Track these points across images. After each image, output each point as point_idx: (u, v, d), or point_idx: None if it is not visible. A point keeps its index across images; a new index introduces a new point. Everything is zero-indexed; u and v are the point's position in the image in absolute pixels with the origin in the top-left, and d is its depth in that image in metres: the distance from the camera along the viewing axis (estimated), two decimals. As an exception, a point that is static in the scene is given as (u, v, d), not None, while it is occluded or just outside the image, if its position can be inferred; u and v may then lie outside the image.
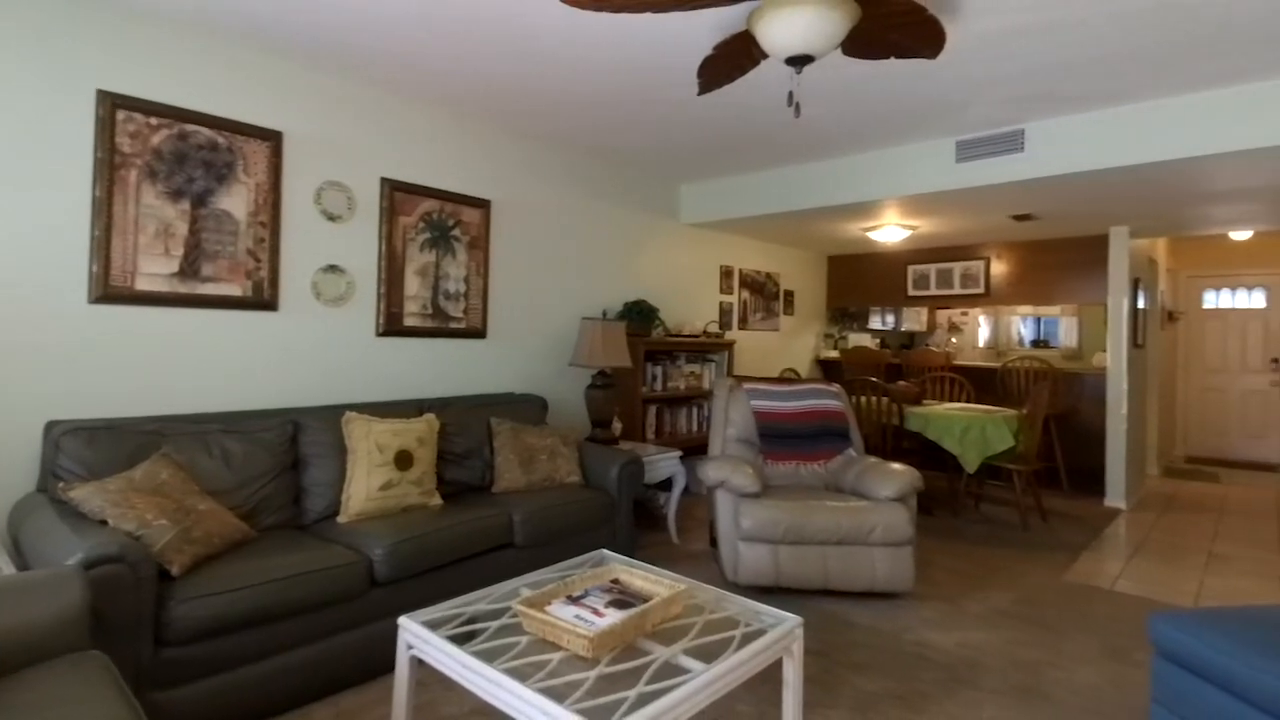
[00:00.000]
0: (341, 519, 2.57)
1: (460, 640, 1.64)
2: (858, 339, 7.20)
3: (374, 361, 3.33)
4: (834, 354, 7.19)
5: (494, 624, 1.73)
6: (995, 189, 3.97)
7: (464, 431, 3.17)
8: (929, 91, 3.23)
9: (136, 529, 1.93)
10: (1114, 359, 5.20)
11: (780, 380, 3.90)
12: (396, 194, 3.40)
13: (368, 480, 2.60)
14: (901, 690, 2.28)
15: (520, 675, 1.46)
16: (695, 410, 5.04)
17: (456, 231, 3.69)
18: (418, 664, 1.74)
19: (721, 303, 5.91)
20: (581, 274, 4.48)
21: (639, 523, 4.28)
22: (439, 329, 3.60)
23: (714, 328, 5.59)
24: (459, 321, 3.70)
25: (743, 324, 6.20)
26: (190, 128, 2.71)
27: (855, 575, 3.05)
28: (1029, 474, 4.58)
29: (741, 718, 2.08)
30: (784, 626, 1.81)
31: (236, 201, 2.84)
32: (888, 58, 2.48)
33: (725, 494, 3.23)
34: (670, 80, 3.12)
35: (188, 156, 2.71)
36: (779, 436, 3.66)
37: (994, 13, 2.46)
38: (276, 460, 2.61)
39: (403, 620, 1.71)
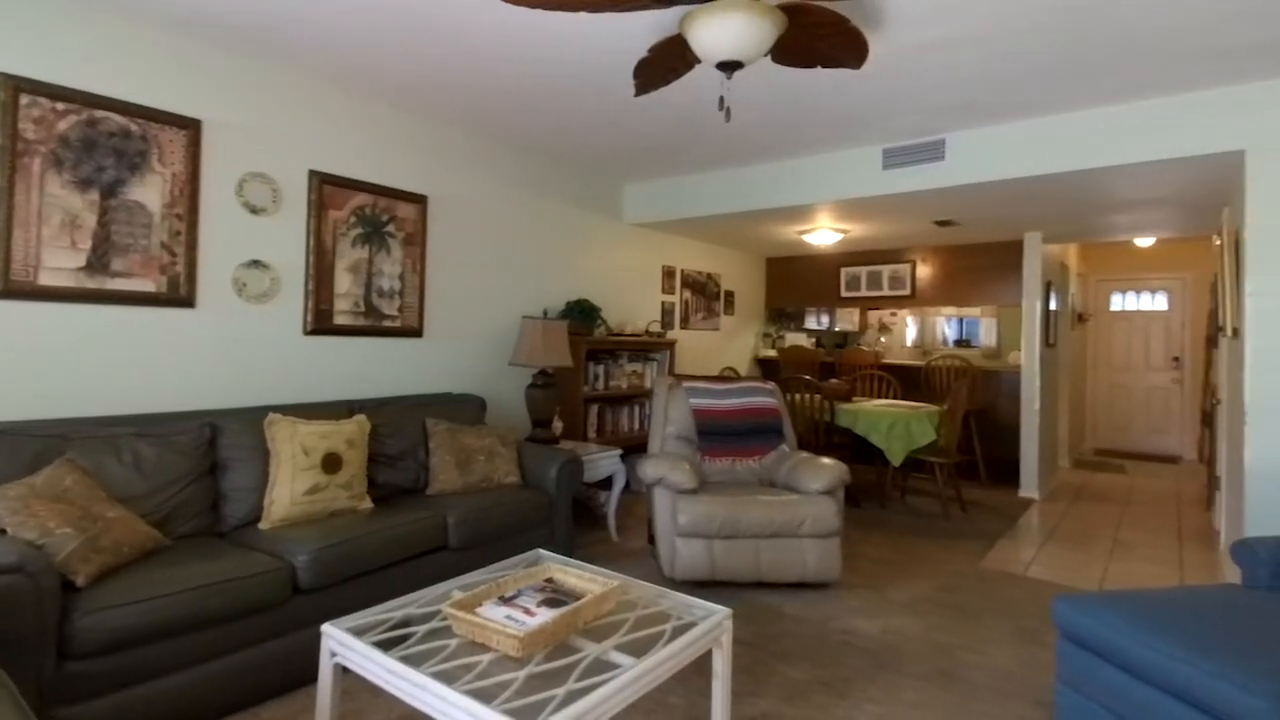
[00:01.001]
0: (263, 525, 2.48)
1: (387, 646, 1.62)
2: (794, 338, 7.40)
3: (301, 361, 3.22)
4: (772, 353, 7.36)
5: (423, 628, 1.71)
6: (919, 195, 4.15)
7: (398, 433, 3.10)
8: (857, 100, 3.35)
9: (38, 538, 1.82)
10: (1027, 358, 5.51)
11: (719, 379, 3.98)
12: (326, 187, 3.29)
13: (292, 485, 2.52)
14: (827, 677, 2.37)
15: (448, 678, 1.45)
16: (637, 409, 5.08)
17: (391, 227, 3.60)
18: (342, 672, 1.71)
19: (664, 302, 5.97)
20: (523, 272, 4.45)
21: (580, 522, 4.28)
22: (372, 327, 3.51)
23: (656, 327, 5.64)
24: (394, 320, 3.61)
25: (684, 323, 6.28)
26: (100, 114, 2.56)
27: (786, 567, 3.14)
28: (950, 466, 4.82)
29: (674, 710, 2.12)
30: (713, 619, 1.85)
31: (150, 192, 2.70)
32: (815, 67, 2.56)
33: (663, 491, 3.27)
34: (611, 80, 3.14)
35: (97, 144, 2.56)
36: (717, 434, 3.74)
37: (913, 27, 2.57)
38: (193, 465, 2.50)
39: (326, 627, 1.67)
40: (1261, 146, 2.96)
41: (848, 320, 7.29)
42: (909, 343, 6.96)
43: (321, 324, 3.28)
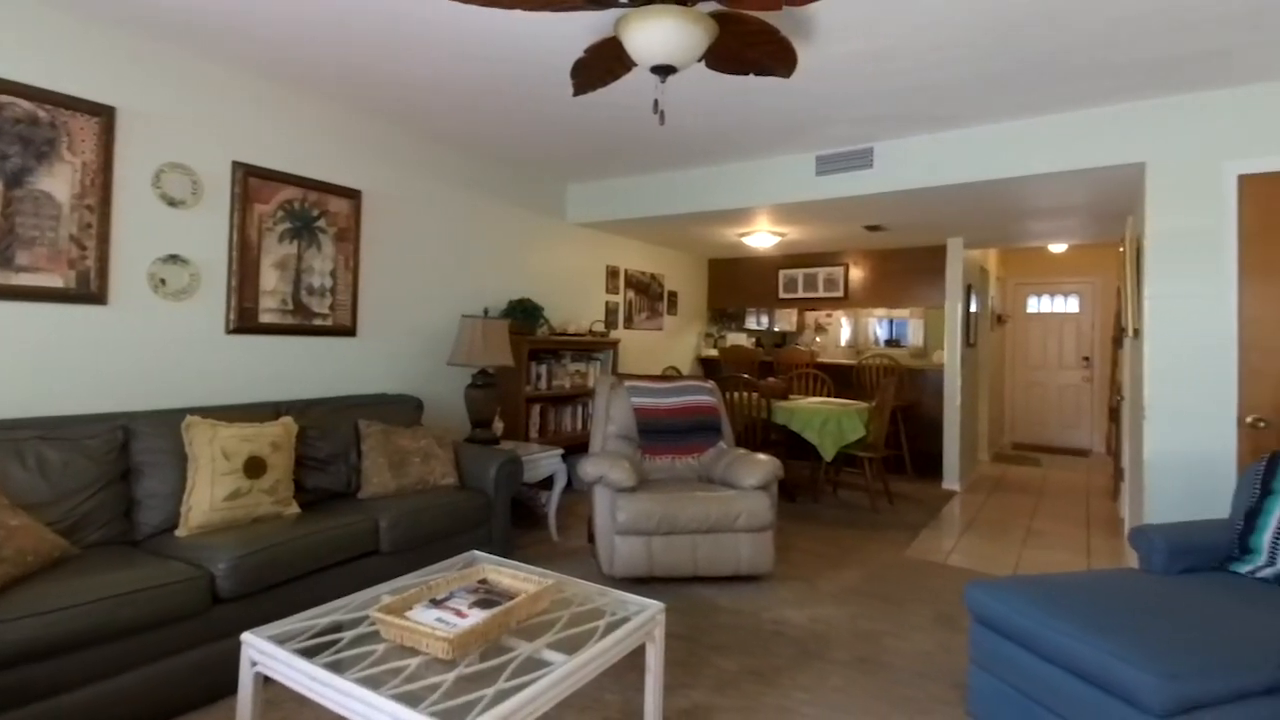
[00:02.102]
0: (180, 533, 2.37)
1: (312, 653, 1.58)
2: (735, 338, 7.55)
3: (223, 361, 3.09)
4: (714, 352, 7.49)
5: (350, 634, 1.68)
6: (849, 201, 4.30)
7: (328, 435, 3.02)
8: (791, 108, 3.45)
9: (-78, 553, 1.70)
10: (949, 357, 5.80)
11: (660, 378, 4.03)
12: (251, 179, 3.17)
13: (211, 490, 2.42)
14: (758, 666, 2.45)
15: (374, 683, 1.43)
16: (580, 408, 5.08)
17: (322, 222, 3.50)
18: (265, 681, 1.66)
19: (608, 302, 5.99)
20: (463, 271, 4.39)
21: (520, 522, 4.26)
22: (301, 326, 3.40)
23: (600, 327, 5.66)
24: (325, 318, 3.51)
25: (628, 323, 6.31)
26: (4, 99, 2.40)
27: (722, 561, 3.22)
28: (878, 461, 5.02)
29: (608, 706, 2.14)
30: (646, 613, 1.89)
31: (59, 183, 2.54)
32: (747, 74, 2.63)
33: (603, 489, 3.30)
34: (552, 79, 3.13)
35: (1, 131, 2.40)
36: (657, 432, 3.78)
37: (842, 39, 2.67)
38: (103, 470, 2.37)
39: (246, 636, 1.62)
40: (1160, 159, 3.19)
41: (786, 321, 7.48)
42: (843, 342, 7.19)
43: (246, 322, 3.15)
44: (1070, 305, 8.05)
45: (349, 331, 3.62)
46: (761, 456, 3.48)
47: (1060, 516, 4.87)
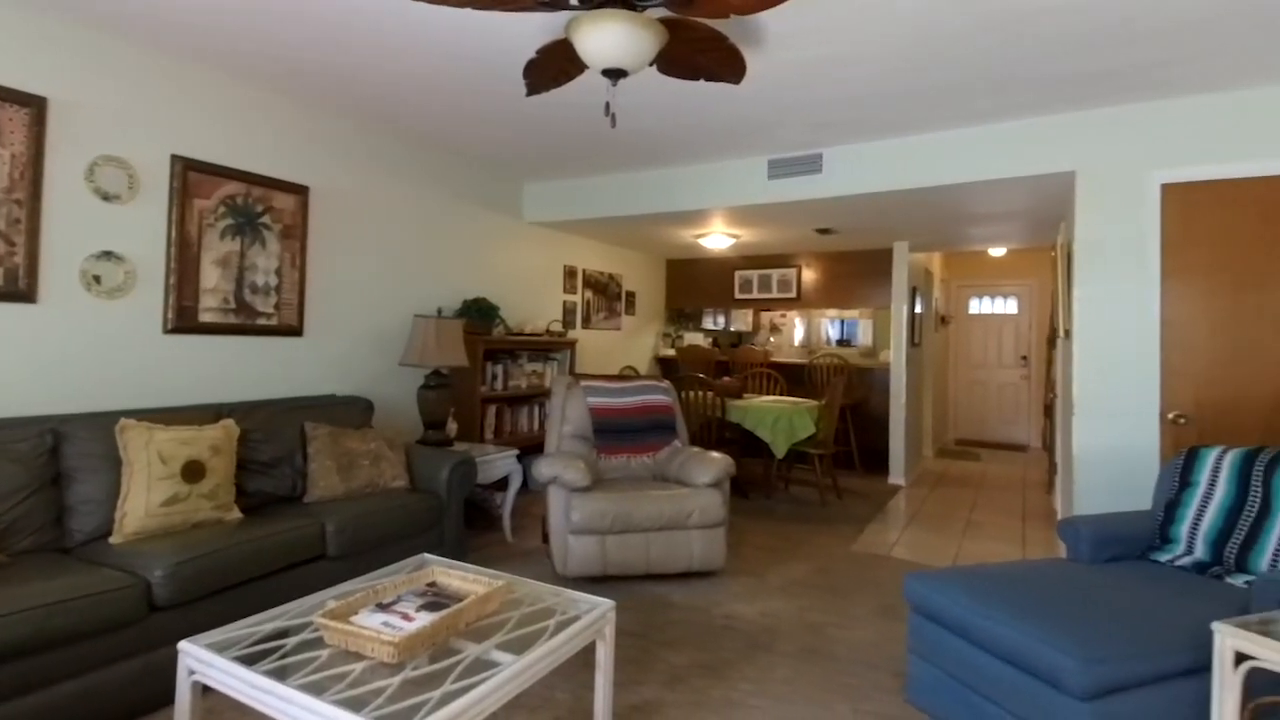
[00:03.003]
0: (115, 539, 2.29)
1: (252, 660, 1.55)
2: (692, 338, 7.63)
3: (161, 362, 2.99)
4: (671, 352, 7.55)
5: (293, 640, 1.66)
6: (800, 204, 4.41)
7: (272, 438, 2.95)
8: (743, 113, 3.51)
9: None
10: (895, 356, 5.99)
11: (616, 378, 4.05)
12: (191, 174, 3.07)
13: (148, 495, 2.34)
14: (708, 660, 2.50)
15: (317, 689, 1.42)
16: (537, 409, 5.07)
17: (266, 219, 3.41)
18: (204, 691, 1.63)
19: (566, 302, 5.98)
20: (416, 270, 4.33)
21: (475, 524, 4.23)
22: (244, 325, 3.31)
23: (557, 326, 5.65)
24: (269, 317, 3.42)
25: (586, 323, 6.32)
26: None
27: (675, 558, 3.26)
28: (828, 457, 5.15)
29: (559, 705, 2.16)
30: (596, 611, 1.91)
31: (-21, 175, 2.43)
32: (698, 79, 2.67)
33: (557, 489, 3.30)
34: (506, 77, 3.12)
35: (-88, 120, 2.28)
36: (613, 431, 3.81)
37: (790, 47, 2.74)
38: (32, 475, 2.27)
39: (183, 645, 1.58)
40: (1089, 168, 3.36)
41: (743, 321, 7.60)
42: (797, 342, 7.35)
43: (185, 321, 3.05)
44: (1009, 307, 8.39)
45: (295, 331, 3.54)
46: (715, 454, 3.54)
47: (998, 509, 5.08)
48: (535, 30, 2.65)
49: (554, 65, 2.62)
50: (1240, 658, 1.62)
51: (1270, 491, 2.29)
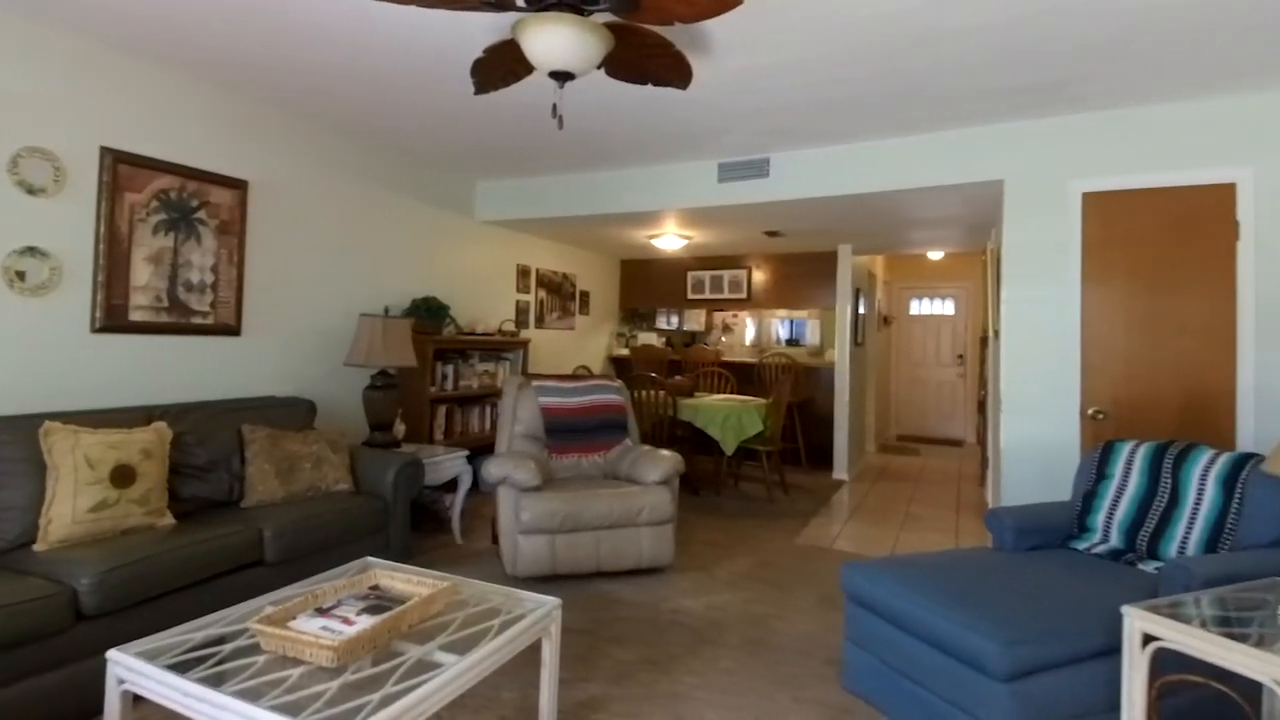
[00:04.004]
0: (39, 547, 2.19)
1: (185, 668, 1.52)
2: (646, 338, 7.69)
3: (88, 362, 2.87)
4: (625, 352, 7.59)
5: (228, 647, 1.63)
6: (748, 207, 4.50)
7: (207, 441, 2.86)
8: (693, 117, 3.57)
9: None
10: (839, 355, 6.18)
11: (568, 377, 4.06)
12: (122, 167, 2.95)
13: (74, 501, 2.25)
14: (655, 655, 2.55)
15: (253, 695, 1.40)
16: (489, 409, 5.03)
17: (202, 214, 3.30)
18: (134, 700, 1.58)
19: (519, 301, 5.95)
20: (363, 268, 4.24)
21: (424, 526, 4.18)
22: (178, 324, 3.19)
23: (510, 326, 5.61)
24: (205, 316, 3.31)
25: (540, 323, 6.30)
26: None
27: (624, 555, 3.30)
28: (775, 454, 5.28)
29: (505, 704, 2.17)
30: (541, 610, 1.93)
31: (-120, 165, 2.29)
32: (646, 84, 2.71)
33: (507, 490, 3.30)
34: (454, 75, 3.09)
35: None
36: (564, 431, 3.82)
37: (736, 55, 2.80)
38: (-56, 483, 2.16)
39: (112, 653, 1.54)
40: (1016, 177, 3.54)
41: (696, 321, 7.70)
42: (748, 341, 7.49)
43: (114, 320, 2.94)
44: (947, 308, 8.74)
45: (233, 330, 3.44)
46: (665, 452, 3.59)
47: (934, 502, 5.30)
48: (483, 29, 2.65)
49: (502, 65, 2.62)
50: (1148, 639, 1.75)
51: (1179, 483, 2.47)
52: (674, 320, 7.83)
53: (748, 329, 7.55)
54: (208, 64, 3.05)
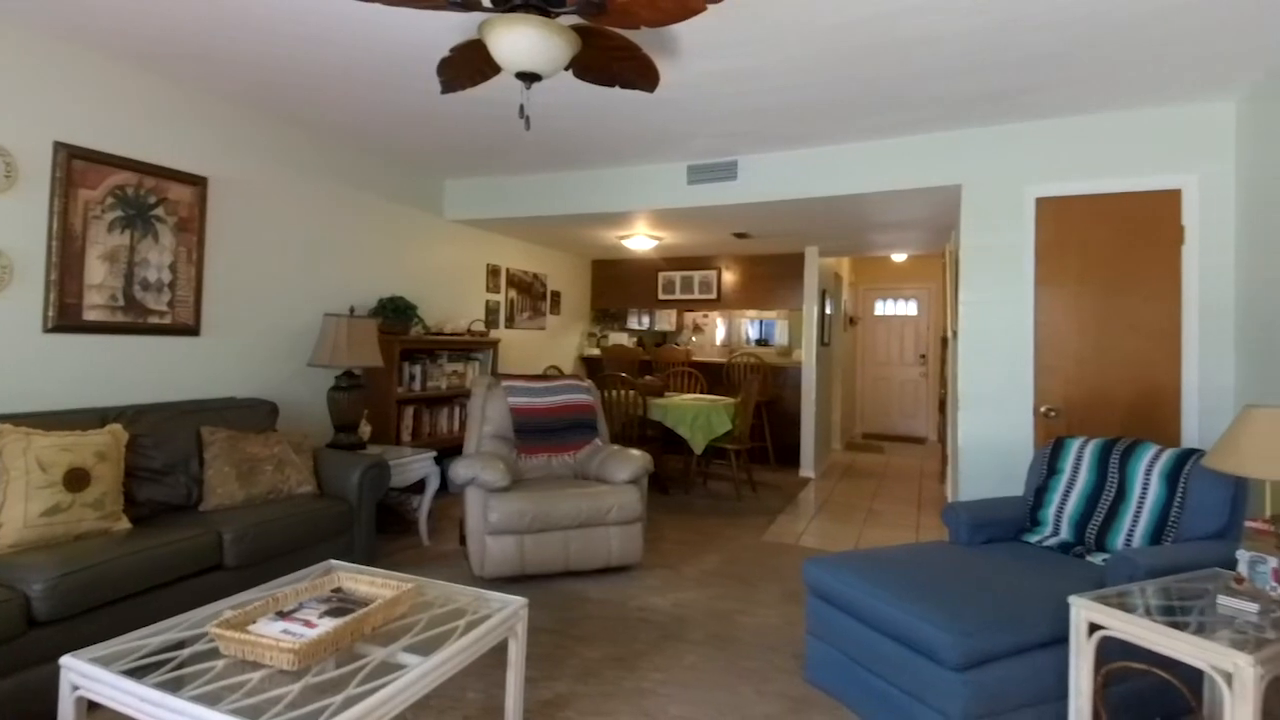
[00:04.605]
0: (-13, 554, 2.13)
1: (142, 673, 1.50)
2: (617, 338, 7.71)
3: (40, 363, 2.78)
4: (596, 352, 7.60)
5: (185, 652, 1.61)
6: (717, 209, 4.55)
7: (165, 443, 2.80)
8: (662, 119, 3.60)
9: None
10: (806, 355, 6.28)
11: (538, 377, 4.06)
12: (76, 162, 2.88)
13: (25, 505, 2.19)
14: (621, 653, 2.57)
15: (211, 700, 1.39)
16: (458, 409, 5.00)
17: (160, 210, 3.22)
18: (89, 707, 1.55)
19: (489, 301, 5.92)
20: (327, 267, 4.18)
21: (390, 528, 4.14)
22: (135, 324, 3.12)
23: (479, 326, 5.58)
24: (163, 315, 3.24)
25: (510, 323, 6.27)
26: None
27: (593, 554, 3.32)
28: (744, 452, 5.34)
29: (470, 705, 2.18)
30: (508, 609, 1.93)
31: None
32: (614, 86, 2.73)
33: (475, 490, 3.29)
34: (422, 73, 3.07)
35: None
36: (534, 431, 3.82)
37: (703, 58, 2.84)
38: (-117, 489, 2.08)
39: (66, 659, 1.51)
40: (973, 182, 3.64)
41: (667, 321, 7.74)
42: (719, 341, 7.56)
43: (67, 320, 2.86)
44: (910, 309, 8.93)
45: (191, 330, 3.37)
46: (634, 452, 3.61)
47: (897, 498, 5.42)
48: (447, 29, 2.64)
49: (470, 64, 2.61)
50: (1093, 628, 1.83)
51: (1125, 478, 2.58)
52: (645, 320, 7.86)
53: (718, 329, 7.62)
54: (165, 57, 2.99)
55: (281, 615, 1.71)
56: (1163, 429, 3.21)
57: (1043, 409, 3.43)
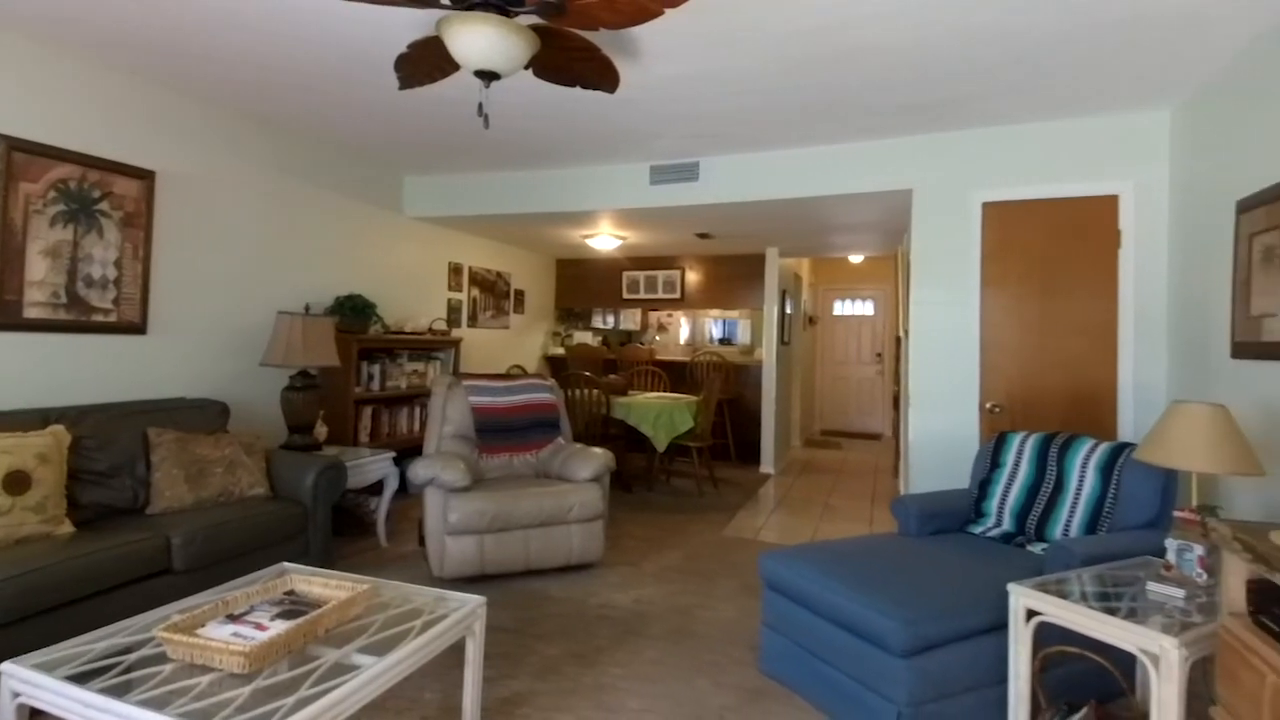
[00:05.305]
0: (-82, 561, 2.05)
1: (86, 679, 1.46)
2: (582, 337, 7.71)
3: (-26, 363, 2.68)
4: (561, 351, 7.59)
5: (132, 656, 1.57)
6: (680, 209, 4.60)
7: (110, 445, 2.72)
8: (624, 120, 3.62)
9: None
10: (767, 354, 6.39)
11: (500, 376, 4.04)
12: (17, 154, 2.78)
13: (-41, 510, 2.11)
14: (581, 649, 2.59)
15: (159, 704, 1.37)
16: (419, 409, 4.95)
17: (105, 205, 3.12)
18: (30, 714, 1.51)
19: (450, 300, 5.86)
20: (282, 264, 4.10)
21: (347, 531, 4.07)
22: (78, 322, 3.02)
23: (441, 325, 5.52)
24: (108, 314, 3.14)
25: (473, 322, 6.22)
26: None
27: (554, 552, 3.33)
28: (706, 449, 5.41)
29: (427, 705, 2.17)
30: (465, 608, 1.94)
31: None
32: (575, 86, 2.74)
33: (435, 491, 3.27)
34: (380, 68, 3.03)
35: None
36: (495, 430, 3.80)
37: (664, 62, 2.87)
38: None
39: (6, 666, 1.47)
40: (923, 186, 3.76)
41: (632, 320, 7.77)
42: (683, 341, 7.63)
43: (6, 317, 2.75)
44: (867, 309, 9.15)
45: (138, 329, 3.27)
46: (596, 450, 3.63)
47: (852, 493, 5.56)
48: (405, 25, 2.62)
49: (428, 61, 2.59)
50: (1031, 614, 1.92)
51: (1063, 470, 2.70)
52: (610, 320, 7.88)
53: (682, 328, 7.68)
54: (109, 47, 2.89)
55: (232, 618, 1.69)
56: (1100, 424, 3.37)
57: (988, 405, 3.56)
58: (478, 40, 2.19)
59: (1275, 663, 1.28)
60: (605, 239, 5.94)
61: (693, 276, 7.37)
